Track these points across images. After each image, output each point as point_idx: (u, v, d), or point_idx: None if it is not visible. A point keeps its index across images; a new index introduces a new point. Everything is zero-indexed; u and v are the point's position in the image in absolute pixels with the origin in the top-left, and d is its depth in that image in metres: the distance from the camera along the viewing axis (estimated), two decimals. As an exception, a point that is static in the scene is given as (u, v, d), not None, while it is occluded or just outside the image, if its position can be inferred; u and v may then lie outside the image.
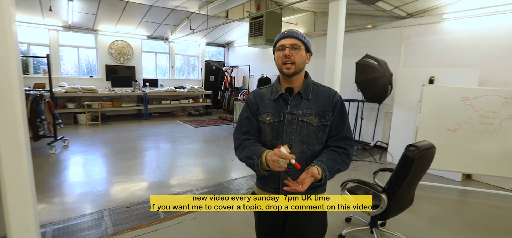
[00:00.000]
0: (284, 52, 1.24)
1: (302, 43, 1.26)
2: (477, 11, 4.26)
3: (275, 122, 1.30)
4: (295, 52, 1.23)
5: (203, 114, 9.90)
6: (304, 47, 1.27)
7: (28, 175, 1.81)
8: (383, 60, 4.96)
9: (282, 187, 1.24)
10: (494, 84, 4.10)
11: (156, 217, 2.81)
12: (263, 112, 1.33)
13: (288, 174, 1.27)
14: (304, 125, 1.26)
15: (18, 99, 1.71)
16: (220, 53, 11.30)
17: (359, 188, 2.59)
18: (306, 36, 1.30)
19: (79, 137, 6.07)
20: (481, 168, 3.63)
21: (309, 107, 1.28)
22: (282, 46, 1.25)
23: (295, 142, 1.27)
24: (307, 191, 1.25)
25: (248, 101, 1.40)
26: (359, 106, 5.98)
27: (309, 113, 1.27)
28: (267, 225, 1.42)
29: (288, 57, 1.23)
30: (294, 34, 1.25)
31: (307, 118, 1.27)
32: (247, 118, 1.37)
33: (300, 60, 1.25)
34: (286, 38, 1.25)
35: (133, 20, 7.69)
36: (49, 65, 4.98)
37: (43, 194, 3.21)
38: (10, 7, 1.64)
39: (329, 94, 1.30)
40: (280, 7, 6.91)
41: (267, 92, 1.37)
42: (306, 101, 1.28)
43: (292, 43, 1.24)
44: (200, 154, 5.14)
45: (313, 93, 1.30)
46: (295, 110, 1.28)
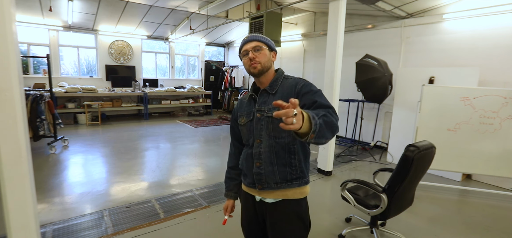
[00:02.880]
0: (248, 56, 1.30)
1: (263, 44, 1.32)
2: (477, 11, 4.25)
3: (248, 122, 1.37)
4: (258, 53, 1.30)
5: (203, 114, 9.90)
6: (267, 47, 1.33)
7: (28, 175, 1.81)
8: (383, 60, 4.96)
9: (257, 183, 1.35)
10: (494, 84, 4.10)
11: (156, 217, 2.81)
12: (240, 116, 1.43)
13: (260, 169, 1.33)
14: (270, 120, 1.29)
15: (18, 99, 1.71)
16: (220, 53, 11.30)
17: (359, 188, 2.58)
18: (267, 37, 1.36)
19: (79, 137, 6.07)
20: (481, 168, 3.63)
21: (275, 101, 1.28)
22: (245, 52, 1.32)
23: (264, 137, 1.31)
24: (282, 184, 1.32)
25: (233, 111, 1.53)
26: (359, 106, 5.98)
27: (274, 106, 1.23)
28: (250, 218, 1.48)
29: (253, 60, 1.29)
30: (254, 37, 1.32)
31: (271, 112, 1.28)
32: (232, 127, 1.53)
33: (264, 59, 1.30)
34: (248, 43, 1.32)
35: (133, 20, 7.69)
36: (49, 65, 4.98)
37: (43, 194, 3.21)
38: (10, 7, 1.64)
39: (293, 83, 1.31)
40: (280, 7, 6.90)
41: (246, 97, 1.45)
42: (272, 96, 1.31)
43: (254, 46, 1.30)
44: (200, 154, 5.14)
45: (280, 87, 1.33)
46: (262, 107, 1.32)
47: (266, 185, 1.33)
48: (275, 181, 1.32)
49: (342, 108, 6.25)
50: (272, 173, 1.31)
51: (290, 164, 1.32)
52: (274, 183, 1.32)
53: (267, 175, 1.32)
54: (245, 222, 1.52)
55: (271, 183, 1.33)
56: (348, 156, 5.33)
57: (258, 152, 1.33)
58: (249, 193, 1.44)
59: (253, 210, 1.45)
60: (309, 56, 7.42)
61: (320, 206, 3.21)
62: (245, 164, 1.41)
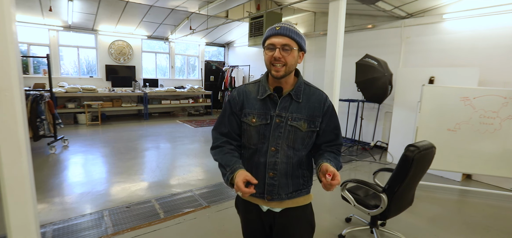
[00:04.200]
0: (273, 52, 1.10)
1: (295, 43, 1.11)
2: (477, 11, 4.25)
3: (262, 125, 1.19)
4: (287, 54, 1.10)
5: (203, 114, 9.90)
6: (297, 47, 1.13)
7: (28, 175, 1.81)
8: (383, 60, 4.96)
9: (267, 194, 1.23)
10: (494, 84, 4.10)
11: (156, 217, 2.81)
12: (248, 114, 1.22)
13: (274, 180, 1.22)
14: (293, 130, 1.17)
15: (18, 99, 1.71)
16: (220, 53, 11.30)
17: (359, 188, 2.58)
18: (300, 34, 1.17)
19: (79, 137, 6.07)
20: (481, 168, 3.63)
21: (299, 111, 1.19)
22: (272, 45, 1.11)
23: (282, 146, 1.19)
24: (292, 193, 1.25)
25: (231, 99, 1.28)
26: (359, 106, 5.98)
27: (299, 117, 1.19)
28: (254, 229, 1.36)
29: (278, 60, 1.10)
30: (287, 32, 1.10)
31: (296, 123, 1.18)
32: (229, 118, 1.26)
33: (292, 61, 1.12)
34: (277, 36, 1.10)
35: (133, 20, 7.69)
36: (49, 65, 4.98)
37: (43, 194, 3.21)
38: (10, 7, 1.64)
39: (321, 98, 1.22)
40: (280, 7, 6.90)
41: (253, 89, 1.25)
42: (296, 104, 1.19)
43: (284, 44, 1.10)
44: (200, 154, 5.14)
45: (304, 95, 1.21)
46: (284, 113, 1.18)
47: (276, 196, 1.23)
48: (286, 192, 1.24)
49: (342, 108, 6.25)
50: (286, 185, 1.23)
51: (303, 175, 1.27)
52: (285, 194, 1.24)
53: (280, 187, 1.22)
54: (249, 234, 1.40)
55: (282, 194, 1.23)
56: (348, 156, 5.32)
57: (273, 161, 1.20)
58: (252, 202, 1.30)
59: (258, 220, 1.33)
60: (309, 56, 7.42)
61: (320, 206, 3.20)
62: (253, 173, 1.19)
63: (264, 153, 1.20)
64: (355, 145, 5.86)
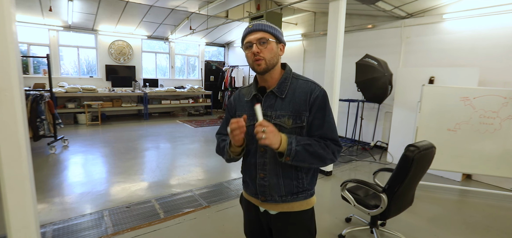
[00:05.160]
0: (252, 49, 1.12)
1: (270, 35, 1.13)
2: (477, 11, 4.25)
3: (250, 126, 1.19)
4: (264, 47, 1.12)
5: (203, 114, 9.90)
6: (274, 39, 1.14)
7: (28, 175, 1.81)
8: (383, 60, 4.96)
9: (260, 194, 1.23)
10: (494, 84, 4.10)
11: (156, 217, 2.81)
12: (238, 116, 1.24)
13: (264, 181, 1.21)
14: (277, 128, 1.12)
15: (18, 99, 1.71)
16: (220, 53, 11.30)
17: (359, 188, 2.58)
18: (275, 26, 1.17)
19: (79, 137, 6.07)
20: (481, 168, 3.63)
21: (283, 107, 1.17)
22: (249, 43, 1.13)
23: (269, 146, 1.17)
24: (287, 197, 1.21)
25: (228, 104, 1.35)
26: (359, 106, 5.98)
27: (283, 114, 1.16)
28: (254, 228, 1.38)
29: (257, 54, 1.12)
30: (260, 27, 1.12)
31: (280, 120, 1.16)
32: (227, 122, 1.30)
33: (271, 54, 1.13)
34: (252, 33, 1.13)
35: (133, 20, 7.69)
36: (49, 65, 4.98)
37: (43, 194, 3.21)
38: (10, 7, 1.64)
39: (307, 90, 1.16)
40: (280, 7, 6.90)
41: (246, 92, 1.28)
42: (281, 101, 1.17)
43: (259, 38, 1.12)
44: (200, 154, 5.14)
45: (289, 90, 1.18)
46: (269, 111, 1.17)
47: (270, 197, 1.22)
48: (280, 194, 1.21)
49: (342, 108, 6.25)
50: (277, 185, 1.20)
51: (297, 177, 1.21)
52: (278, 196, 1.21)
53: (271, 188, 1.21)
54: (249, 233, 1.43)
55: (275, 196, 1.21)
56: (348, 156, 5.33)
57: (262, 162, 1.20)
58: (251, 202, 1.33)
59: (256, 219, 1.35)
60: (309, 56, 7.42)
61: (320, 206, 3.20)
62: (247, 173, 1.27)
63: (254, 154, 1.23)
64: (355, 145, 5.86)
